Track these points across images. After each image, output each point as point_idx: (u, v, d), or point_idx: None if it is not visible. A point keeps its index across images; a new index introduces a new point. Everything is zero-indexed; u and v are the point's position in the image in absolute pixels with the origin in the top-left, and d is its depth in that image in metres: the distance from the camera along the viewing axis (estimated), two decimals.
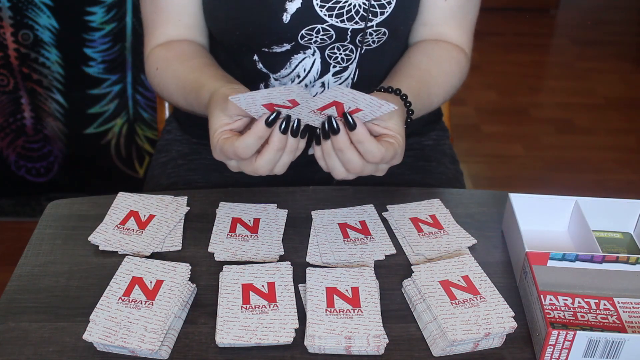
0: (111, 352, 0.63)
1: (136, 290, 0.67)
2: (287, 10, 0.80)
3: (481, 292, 0.67)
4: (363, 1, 0.81)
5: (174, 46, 0.89)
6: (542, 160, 2.31)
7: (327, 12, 0.80)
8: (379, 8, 0.81)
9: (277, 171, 0.69)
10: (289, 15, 0.80)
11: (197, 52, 0.88)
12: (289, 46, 0.84)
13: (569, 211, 0.79)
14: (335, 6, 0.80)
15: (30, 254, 0.76)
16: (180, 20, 0.89)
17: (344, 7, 0.80)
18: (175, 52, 0.88)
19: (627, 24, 3.51)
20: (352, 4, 0.80)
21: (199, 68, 0.83)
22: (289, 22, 0.81)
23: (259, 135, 0.64)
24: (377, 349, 0.63)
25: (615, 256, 0.70)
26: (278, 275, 0.70)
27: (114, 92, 1.76)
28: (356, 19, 0.81)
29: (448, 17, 0.89)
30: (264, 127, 0.64)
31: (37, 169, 1.89)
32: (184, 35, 0.90)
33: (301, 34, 0.82)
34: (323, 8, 0.80)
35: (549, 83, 2.94)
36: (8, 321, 0.67)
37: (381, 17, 0.82)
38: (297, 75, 0.86)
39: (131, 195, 0.82)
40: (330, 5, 0.80)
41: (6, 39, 1.65)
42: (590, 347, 0.61)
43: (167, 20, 0.89)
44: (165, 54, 0.88)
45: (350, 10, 0.80)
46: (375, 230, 0.78)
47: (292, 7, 0.80)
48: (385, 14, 0.82)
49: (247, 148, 0.65)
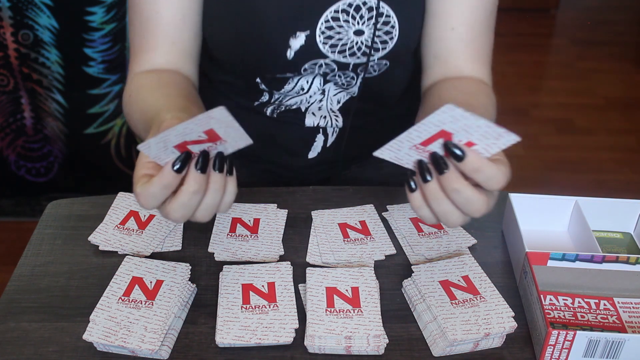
0: (111, 352, 0.63)
1: (136, 290, 0.67)
2: (291, 47, 0.80)
3: (481, 292, 0.67)
4: (365, 38, 0.80)
5: (154, 74, 0.80)
6: (542, 160, 2.31)
7: (330, 49, 0.80)
8: (381, 44, 0.81)
9: (200, 217, 0.57)
10: (292, 51, 0.80)
11: (174, 82, 0.79)
12: (291, 74, 0.85)
13: (569, 211, 0.79)
14: (337, 43, 0.80)
15: (30, 254, 0.76)
16: (173, 45, 0.81)
17: (346, 44, 0.80)
18: (151, 80, 0.79)
19: (627, 24, 3.52)
20: (354, 41, 0.80)
21: (165, 97, 0.73)
22: (293, 58, 0.81)
23: (164, 184, 0.54)
24: (377, 349, 0.63)
25: (615, 256, 0.70)
26: (278, 275, 0.70)
27: (114, 92, 1.76)
28: (358, 54, 0.81)
29: (461, 48, 0.81)
30: (171, 174, 0.54)
31: (37, 169, 1.89)
32: (173, 62, 0.81)
33: (304, 67, 0.83)
34: (326, 45, 0.80)
35: (549, 83, 2.95)
36: (8, 321, 0.67)
37: (383, 51, 0.82)
38: (301, 87, 0.86)
39: (131, 195, 0.82)
40: (332, 43, 0.80)
41: (6, 39, 1.65)
42: (590, 347, 0.61)
43: (156, 45, 0.80)
44: (141, 82, 0.79)
45: (352, 47, 0.80)
46: (375, 230, 0.78)
47: (295, 43, 0.80)
48: (388, 48, 0.81)
49: (152, 198, 0.54)
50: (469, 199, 0.53)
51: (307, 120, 0.90)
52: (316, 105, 0.88)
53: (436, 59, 0.83)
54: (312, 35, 0.79)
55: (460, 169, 0.53)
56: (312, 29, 0.79)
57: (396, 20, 0.79)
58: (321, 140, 0.92)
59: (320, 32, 0.79)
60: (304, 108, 0.88)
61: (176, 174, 0.54)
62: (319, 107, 0.88)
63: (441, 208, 0.55)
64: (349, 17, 0.79)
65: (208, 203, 0.56)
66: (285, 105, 0.88)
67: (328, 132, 0.91)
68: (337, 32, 0.79)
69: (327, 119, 0.90)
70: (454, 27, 0.80)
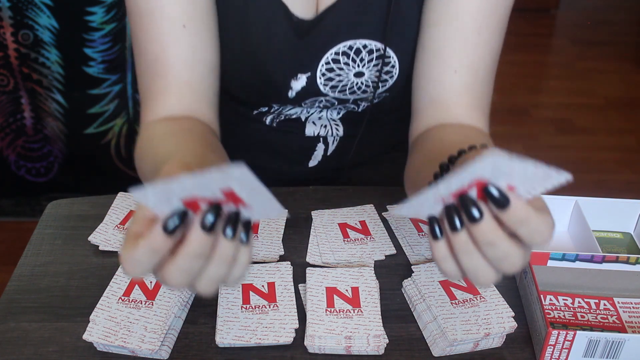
0: (111, 352, 0.63)
1: (136, 290, 0.67)
2: (292, 88, 0.80)
3: (481, 292, 0.67)
4: (365, 79, 0.79)
5: (166, 122, 0.72)
6: (542, 160, 2.31)
7: (330, 90, 0.80)
8: (381, 83, 0.80)
9: (201, 289, 0.45)
10: (294, 92, 0.80)
11: (189, 128, 0.70)
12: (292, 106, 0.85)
13: (569, 211, 0.79)
14: (337, 85, 0.79)
15: (30, 254, 0.76)
16: (185, 85, 0.72)
17: (346, 84, 0.80)
18: (163, 128, 0.70)
19: (627, 24, 3.52)
20: (354, 82, 0.79)
21: (178, 143, 0.65)
22: (294, 97, 0.81)
23: (152, 248, 0.42)
24: (377, 349, 0.63)
25: (615, 256, 0.70)
26: (278, 275, 0.70)
27: (114, 92, 1.76)
28: (358, 93, 0.81)
29: (462, 93, 0.72)
30: (161, 236, 0.41)
31: (37, 169, 1.89)
32: (187, 106, 0.73)
33: (305, 102, 0.83)
34: (326, 86, 0.80)
35: (549, 83, 2.95)
36: (8, 321, 0.67)
37: (383, 88, 0.81)
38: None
39: (131, 195, 0.82)
40: (333, 84, 0.80)
41: (6, 39, 1.65)
42: (590, 347, 0.61)
43: (167, 88, 0.72)
44: (152, 132, 0.71)
45: (352, 87, 0.80)
46: (375, 230, 0.78)
47: (297, 85, 0.80)
48: (387, 85, 0.80)
49: (137, 265, 0.43)
50: (506, 254, 0.43)
51: (307, 130, 0.89)
52: (316, 115, 0.88)
53: (432, 103, 0.74)
54: (313, 77, 0.79)
55: (500, 217, 0.43)
56: (313, 71, 0.78)
57: (397, 60, 0.78)
58: (321, 149, 0.91)
59: (320, 74, 0.79)
60: (304, 117, 0.88)
61: (167, 236, 0.41)
62: (319, 116, 0.88)
63: (471, 263, 0.44)
64: (349, 60, 0.78)
65: (211, 274, 0.44)
66: (285, 114, 0.88)
67: (329, 141, 0.91)
68: (337, 75, 0.79)
69: (328, 128, 0.89)
70: (457, 69, 0.71)
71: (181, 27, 0.71)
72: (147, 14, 0.71)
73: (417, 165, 0.69)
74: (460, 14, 0.71)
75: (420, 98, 0.76)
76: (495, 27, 0.72)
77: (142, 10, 0.71)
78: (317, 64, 0.78)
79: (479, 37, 0.71)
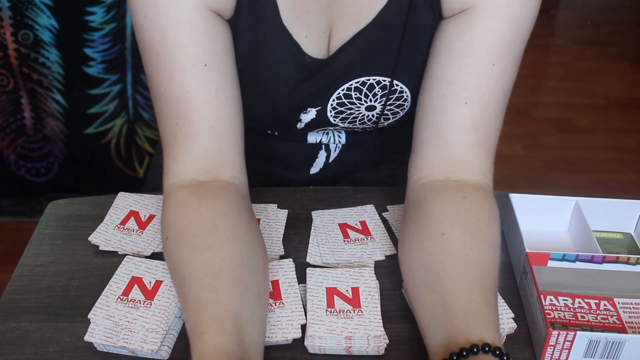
0: (111, 352, 0.63)
1: (135, 290, 0.67)
2: (302, 120, 0.80)
3: None
4: (376, 112, 0.78)
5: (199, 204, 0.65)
6: (542, 160, 2.31)
7: (340, 121, 0.80)
8: (392, 115, 0.79)
9: None
10: (303, 123, 0.80)
11: (223, 241, 0.63)
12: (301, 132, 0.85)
13: (569, 211, 0.79)
14: (348, 117, 0.79)
15: (30, 254, 0.76)
16: (212, 130, 0.67)
17: (357, 117, 0.79)
18: (193, 223, 0.64)
19: (627, 24, 3.51)
20: (365, 115, 0.79)
21: (208, 291, 0.58)
22: (303, 128, 0.81)
23: None
24: (378, 349, 0.63)
25: (616, 256, 0.70)
26: (281, 272, 0.70)
27: (114, 92, 1.76)
28: (368, 124, 0.80)
29: (469, 130, 0.68)
30: None
31: (37, 169, 1.89)
32: (215, 154, 0.68)
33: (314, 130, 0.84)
34: (336, 118, 0.79)
35: (549, 83, 2.94)
36: (8, 321, 0.67)
37: (394, 119, 0.80)
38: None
39: (131, 195, 0.82)
40: (343, 117, 0.79)
41: (6, 39, 1.65)
42: (591, 348, 0.61)
43: (193, 132, 0.67)
44: (180, 220, 0.65)
45: (362, 119, 0.79)
46: (376, 231, 0.78)
47: (306, 117, 0.79)
48: (398, 116, 0.80)
49: None
50: None
51: (309, 137, 0.88)
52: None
53: (437, 138, 0.69)
54: (323, 110, 0.78)
55: None
56: (324, 105, 0.78)
57: (409, 93, 0.77)
58: (323, 157, 0.91)
59: (331, 108, 0.78)
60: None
61: None
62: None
63: None
64: (362, 95, 0.76)
65: None
66: None
67: (330, 148, 0.90)
68: (348, 108, 0.78)
69: (330, 135, 0.88)
70: (468, 101, 0.68)
71: (202, 66, 0.66)
72: (164, 53, 0.66)
73: (417, 311, 0.64)
74: (476, 44, 0.67)
75: (425, 128, 0.71)
76: (510, 59, 0.69)
77: (159, 50, 0.66)
78: (327, 100, 0.77)
79: (492, 69, 0.68)
